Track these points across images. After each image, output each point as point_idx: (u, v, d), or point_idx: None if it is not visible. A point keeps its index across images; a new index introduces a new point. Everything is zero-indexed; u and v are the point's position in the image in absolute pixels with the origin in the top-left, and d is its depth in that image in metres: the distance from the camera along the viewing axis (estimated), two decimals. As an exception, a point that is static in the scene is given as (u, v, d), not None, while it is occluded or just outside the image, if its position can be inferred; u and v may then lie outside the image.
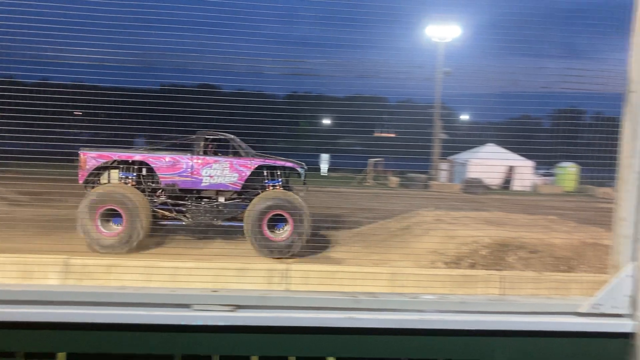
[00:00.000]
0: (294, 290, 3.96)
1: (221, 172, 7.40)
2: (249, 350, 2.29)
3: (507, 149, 8.66)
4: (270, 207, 7.47)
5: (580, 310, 2.26)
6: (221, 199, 7.77)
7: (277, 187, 7.86)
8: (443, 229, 7.72)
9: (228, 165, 7.48)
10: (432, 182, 10.57)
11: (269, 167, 7.85)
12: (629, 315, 2.25)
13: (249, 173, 7.73)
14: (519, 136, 7.61)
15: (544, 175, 10.69)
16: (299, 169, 8.14)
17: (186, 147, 8.08)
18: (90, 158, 7.68)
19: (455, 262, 6.74)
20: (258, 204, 7.67)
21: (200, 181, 7.67)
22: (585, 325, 2.24)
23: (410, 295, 2.36)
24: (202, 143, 7.88)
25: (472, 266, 6.67)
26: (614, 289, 2.25)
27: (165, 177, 7.58)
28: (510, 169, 9.32)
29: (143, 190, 7.97)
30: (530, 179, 9.87)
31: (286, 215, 7.44)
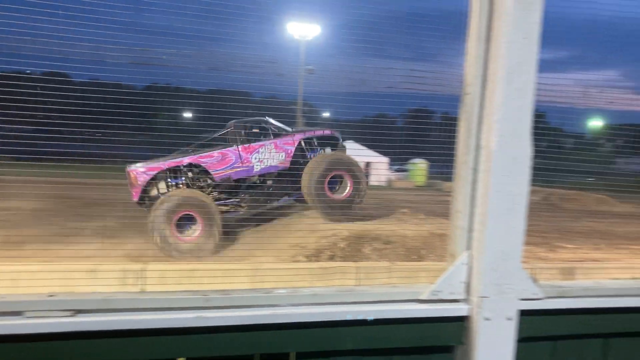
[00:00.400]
0: (140, 291, 3.76)
1: (269, 155, 7.52)
2: (90, 358, 2.13)
3: (364, 146, 9.06)
4: (329, 170, 7.46)
5: (421, 297, 2.40)
6: (269, 181, 7.62)
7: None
8: (304, 223, 7.88)
9: (273, 146, 7.54)
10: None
11: (308, 139, 7.92)
12: (464, 300, 2.43)
13: (294, 149, 7.76)
14: (374, 134, 7.99)
15: (397, 170, 11.38)
16: (337, 135, 8.25)
17: (222, 140, 7.79)
18: (140, 173, 7.35)
19: (316, 255, 6.90)
20: (316, 169, 7.48)
21: (252, 168, 7.69)
22: (426, 311, 2.39)
23: (263, 291, 2.35)
24: (242, 132, 7.76)
25: (331, 258, 6.88)
26: (451, 276, 2.42)
27: (218, 173, 7.46)
28: (367, 164, 9.74)
29: (203, 191, 7.55)
30: (385, 174, 10.41)
31: (345, 175, 7.48)
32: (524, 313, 2.46)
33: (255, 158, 7.84)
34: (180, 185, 7.88)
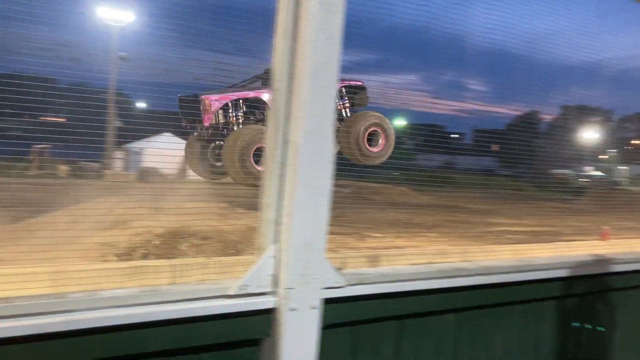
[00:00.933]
0: None
1: None
2: None
3: (182, 139, 8.78)
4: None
5: (229, 292, 2.38)
6: None
7: None
8: (116, 220, 7.39)
9: None
10: (106, 172, 10.02)
11: (345, 87, 8.51)
12: (272, 293, 2.47)
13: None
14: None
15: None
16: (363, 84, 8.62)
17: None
18: (213, 101, 8.17)
19: (128, 254, 6.51)
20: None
21: None
22: (234, 306, 2.38)
23: (55, 296, 2.14)
24: None
25: (145, 257, 6.55)
26: (259, 269, 2.44)
27: None
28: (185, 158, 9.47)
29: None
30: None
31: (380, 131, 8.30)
32: (327, 301, 2.57)
33: None
34: (243, 117, 8.38)
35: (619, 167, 9.55)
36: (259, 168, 7.21)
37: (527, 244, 7.18)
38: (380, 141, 8.54)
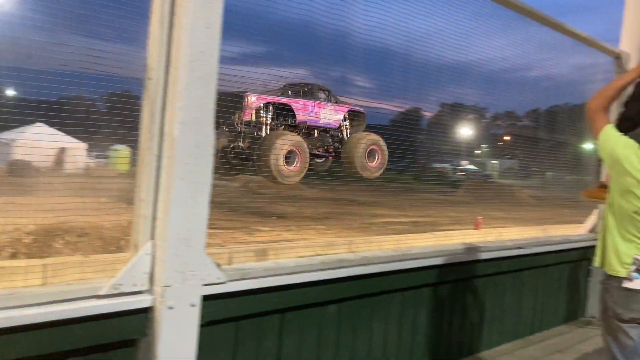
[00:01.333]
0: None
1: (329, 113, 9.42)
2: None
3: (59, 130, 8.18)
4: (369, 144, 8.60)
5: (101, 292, 2.25)
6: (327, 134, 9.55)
7: None
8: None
9: (332, 108, 9.55)
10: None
11: (350, 111, 9.62)
12: (148, 291, 2.37)
13: (342, 116, 9.70)
14: (70, 117, 7.27)
15: (98, 157, 10.64)
16: (363, 112, 9.34)
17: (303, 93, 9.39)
18: (255, 100, 8.75)
19: (-7, 254, 5.95)
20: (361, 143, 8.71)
21: (319, 120, 9.45)
22: (106, 306, 2.25)
23: None
24: (316, 92, 9.59)
25: (14, 256, 6.04)
26: (134, 267, 2.33)
27: (300, 116, 9.13)
28: (62, 150, 8.88)
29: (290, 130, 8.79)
30: (83, 161, 9.63)
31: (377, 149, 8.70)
32: (207, 298, 2.52)
33: (322, 113, 9.51)
34: (272, 119, 8.78)
35: (491, 161, 10.41)
36: (290, 168, 8.11)
37: (408, 234, 7.53)
38: (377, 157, 9.32)
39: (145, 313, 2.36)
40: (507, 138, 9.22)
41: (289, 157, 8.56)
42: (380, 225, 8.95)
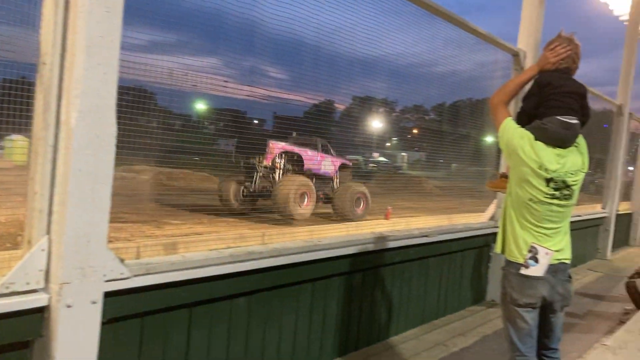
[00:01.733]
0: None
1: (328, 164, 11.42)
2: None
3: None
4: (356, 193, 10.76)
5: (-10, 292, 2.09)
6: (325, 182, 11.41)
7: None
8: None
9: (330, 160, 11.54)
10: None
11: (342, 164, 11.50)
12: (43, 289, 2.23)
13: (337, 167, 11.43)
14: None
15: (-8, 148, 9.90)
16: (350, 164, 11.34)
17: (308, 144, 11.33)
18: (276, 147, 10.46)
19: None
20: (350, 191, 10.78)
21: (320, 168, 11.32)
22: (-5, 307, 2.10)
23: None
24: (319, 144, 11.45)
25: None
26: (27, 264, 2.19)
27: (307, 164, 10.95)
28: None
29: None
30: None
31: (363, 197, 10.59)
32: (110, 294, 2.42)
33: (324, 163, 11.56)
34: (284, 165, 10.70)
35: (400, 154, 10.83)
36: (302, 206, 10.13)
37: (321, 225, 7.61)
38: (362, 204, 11.37)
39: (40, 313, 2.23)
40: (415, 131, 9.52)
41: (302, 197, 10.47)
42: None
